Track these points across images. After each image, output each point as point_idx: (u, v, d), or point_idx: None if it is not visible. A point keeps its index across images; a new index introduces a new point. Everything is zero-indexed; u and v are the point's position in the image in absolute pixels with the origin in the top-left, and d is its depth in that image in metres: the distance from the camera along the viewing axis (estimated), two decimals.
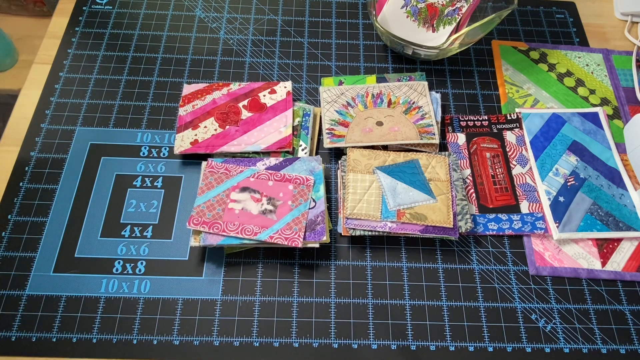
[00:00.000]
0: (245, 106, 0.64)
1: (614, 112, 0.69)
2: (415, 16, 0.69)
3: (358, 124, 0.63)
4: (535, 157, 0.63)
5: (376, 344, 0.52)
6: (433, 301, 0.54)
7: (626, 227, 0.58)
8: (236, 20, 0.76)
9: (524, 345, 0.52)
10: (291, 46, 0.73)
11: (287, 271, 0.56)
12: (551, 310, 0.55)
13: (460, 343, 0.52)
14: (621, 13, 0.80)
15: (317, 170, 0.58)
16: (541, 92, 0.70)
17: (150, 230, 0.57)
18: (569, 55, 0.74)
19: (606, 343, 0.53)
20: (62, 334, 0.51)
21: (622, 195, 0.61)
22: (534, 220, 0.59)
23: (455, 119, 0.66)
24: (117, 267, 0.55)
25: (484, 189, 0.61)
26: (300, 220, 0.54)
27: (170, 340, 0.51)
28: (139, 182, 0.60)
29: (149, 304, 0.53)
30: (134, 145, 0.63)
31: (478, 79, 0.72)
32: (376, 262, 0.57)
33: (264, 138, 0.62)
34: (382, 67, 0.72)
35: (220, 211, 0.54)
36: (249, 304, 0.53)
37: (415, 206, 0.56)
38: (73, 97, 0.66)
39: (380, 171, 0.58)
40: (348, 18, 0.77)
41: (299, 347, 0.51)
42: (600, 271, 0.56)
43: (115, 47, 0.71)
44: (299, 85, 0.69)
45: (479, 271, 0.56)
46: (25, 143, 0.62)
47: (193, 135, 0.62)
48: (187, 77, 0.69)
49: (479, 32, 0.65)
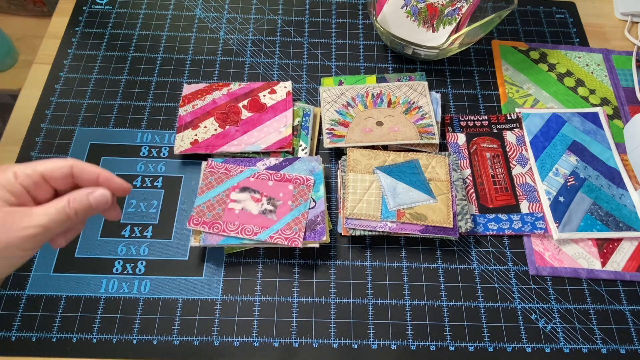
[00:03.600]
0: (245, 106, 0.64)
1: (614, 112, 0.69)
2: (415, 16, 0.69)
3: (358, 124, 0.63)
4: (535, 157, 0.63)
5: (376, 344, 0.52)
6: (433, 301, 0.54)
7: (626, 227, 0.58)
8: (236, 20, 0.76)
9: (524, 345, 0.52)
10: (291, 46, 0.73)
11: (287, 271, 0.56)
12: (551, 310, 0.55)
13: (460, 343, 0.52)
14: (621, 13, 0.80)
15: (317, 170, 0.58)
16: (541, 92, 0.70)
17: (150, 230, 0.57)
18: (569, 55, 0.74)
19: (606, 343, 0.53)
20: (62, 334, 0.51)
21: (622, 195, 0.61)
22: (534, 220, 0.59)
23: (455, 119, 0.66)
24: (117, 267, 0.55)
25: (484, 189, 0.61)
26: (300, 220, 0.54)
27: (170, 340, 0.51)
28: (139, 182, 0.60)
29: (149, 304, 0.53)
30: (134, 145, 0.63)
31: (478, 79, 0.72)
32: (376, 262, 0.57)
33: (264, 138, 0.62)
34: (382, 67, 0.72)
35: (220, 211, 0.54)
36: (249, 304, 0.53)
37: (415, 206, 0.56)
38: (73, 97, 0.66)
39: (380, 171, 0.58)
40: (348, 18, 0.77)
41: (299, 347, 0.51)
42: (600, 271, 0.56)
43: (115, 47, 0.71)
44: (299, 85, 0.69)
45: (479, 271, 0.56)
46: (25, 143, 0.62)
47: (193, 135, 0.62)
48: (187, 77, 0.69)
49: (479, 32, 0.65)
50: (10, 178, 0.33)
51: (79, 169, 0.35)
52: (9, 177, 0.33)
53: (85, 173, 0.35)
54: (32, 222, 0.32)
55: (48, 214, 0.32)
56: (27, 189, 0.34)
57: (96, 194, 0.35)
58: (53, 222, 0.32)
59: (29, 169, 0.34)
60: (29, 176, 0.33)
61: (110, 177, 0.36)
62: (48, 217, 0.32)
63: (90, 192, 0.35)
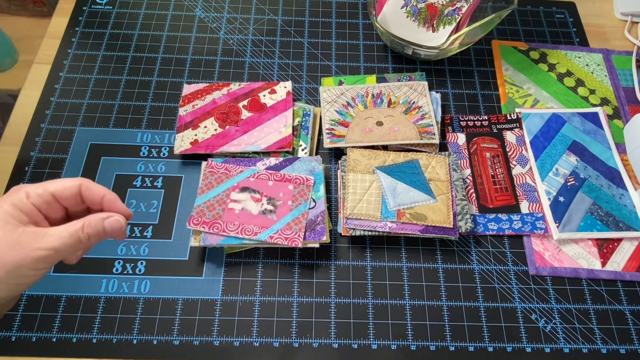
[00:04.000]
0: (245, 106, 0.64)
1: (614, 112, 0.69)
2: (415, 16, 0.69)
3: (358, 124, 0.63)
4: (535, 157, 0.63)
5: (376, 344, 0.52)
6: (433, 301, 0.54)
7: (626, 227, 0.58)
8: (236, 20, 0.76)
9: (524, 345, 0.52)
10: (291, 46, 0.73)
11: (287, 271, 0.56)
12: (551, 310, 0.55)
13: (460, 343, 0.52)
14: (621, 13, 0.80)
15: (317, 170, 0.58)
16: (541, 92, 0.70)
17: (150, 230, 0.57)
18: (569, 55, 0.74)
19: (606, 343, 0.53)
20: (62, 334, 0.51)
21: (622, 195, 0.61)
22: (534, 220, 0.59)
23: (455, 119, 0.66)
24: (117, 267, 0.55)
25: (484, 189, 0.61)
26: (300, 220, 0.54)
27: (170, 340, 0.51)
28: (139, 182, 0.60)
29: (149, 304, 0.53)
30: (134, 145, 0.63)
31: (478, 79, 0.72)
32: (376, 262, 0.57)
33: (264, 138, 0.62)
34: (382, 67, 0.72)
35: (220, 211, 0.54)
36: (249, 304, 0.53)
37: (415, 206, 0.56)
38: (73, 97, 0.66)
39: (380, 171, 0.58)
40: (348, 18, 0.77)
41: (299, 347, 0.51)
42: (600, 271, 0.56)
43: (115, 47, 0.71)
44: (299, 85, 0.69)
45: (479, 271, 0.56)
46: (25, 143, 0.62)
47: (193, 135, 0.62)
48: (187, 77, 0.69)
49: (479, 32, 0.65)
50: (22, 198, 0.34)
51: (86, 188, 0.36)
52: (21, 197, 0.34)
53: (91, 193, 0.36)
54: (45, 244, 0.32)
55: (61, 237, 0.33)
56: (39, 208, 0.34)
57: (111, 220, 0.36)
58: (65, 246, 0.33)
59: (40, 188, 0.35)
60: (40, 196, 0.34)
61: (114, 200, 0.37)
62: (61, 240, 0.33)
63: (104, 217, 0.35)
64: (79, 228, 0.34)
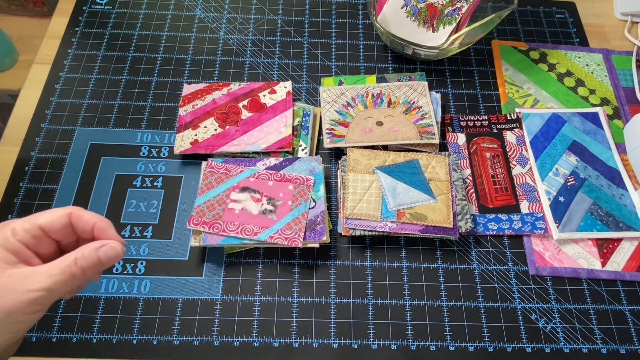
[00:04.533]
0: (245, 106, 0.64)
1: (614, 112, 0.69)
2: (415, 16, 0.69)
3: (358, 124, 0.63)
4: (535, 157, 0.63)
5: (376, 344, 0.52)
6: (433, 301, 0.54)
7: (626, 227, 0.58)
8: (236, 20, 0.76)
9: (524, 345, 0.52)
10: (291, 46, 0.73)
11: (287, 271, 0.56)
12: (551, 310, 0.55)
13: (460, 343, 0.52)
14: (621, 13, 0.80)
15: (317, 170, 0.58)
16: (541, 92, 0.70)
17: (150, 230, 0.57)
18: (569, 55, 0.74)
19: (606, 343, 0.53)
20: (62, 334, 0.51)
21: (622, 195, 0.61)
22: (534, 220, 0.59)
23: (455, 119, 0.66)
24: (117, 267, 0.55)
25: (484, 189, 0.61)
26: (300, 220, 0.54)
27: (170, 340, 0.51)
28: (139, 182, 0.60)
29: (149, 304, 0.53)
30: (134, 145, 0.63)
31: (478, 79, 0.72)
32: (376, 262, 0.57)
33: (264, 138, 0.62)
34: (382, 67, 0.72)
35: (220, 211, 0.54)
36: (249, 304, 0.53)
37: (415, 206, 0.56)
38: (73, 97, 0.66)
39: (380, 171, 0.58)
40: (348, 18, 0.77)
41: (299, 347, 0.51)
42: (600, 271, 0.56)
43: (115, 47, 0.71)
44: (299, 85, 0.69)
45: (479, 271, 0.56)
46: (25, 143, 0.62)
47: (193, 135, 0.62)
48: (187, 77, 0.69)
49: (479, 32, 0.65)
50: (8, 237, 0.31)
51: (77, 216, 0.33)
52: (7, 236, 0.31)
53: (82, 221, 0.33)
54: (35, 284, 0.29)
55: (52, 275, 0.30)
56: (28, 245, 0.32)
57: (105, 249, 0.32)
58: (58, 283, 0.30)
59: (27, 223, 0.32)
60: (27, 231, 0.31)
61: (106, 228, 0.33)
62: (52, 278, 0.30)
63: (98, 247, 0.32)
64: (71, 262, 0.31)
